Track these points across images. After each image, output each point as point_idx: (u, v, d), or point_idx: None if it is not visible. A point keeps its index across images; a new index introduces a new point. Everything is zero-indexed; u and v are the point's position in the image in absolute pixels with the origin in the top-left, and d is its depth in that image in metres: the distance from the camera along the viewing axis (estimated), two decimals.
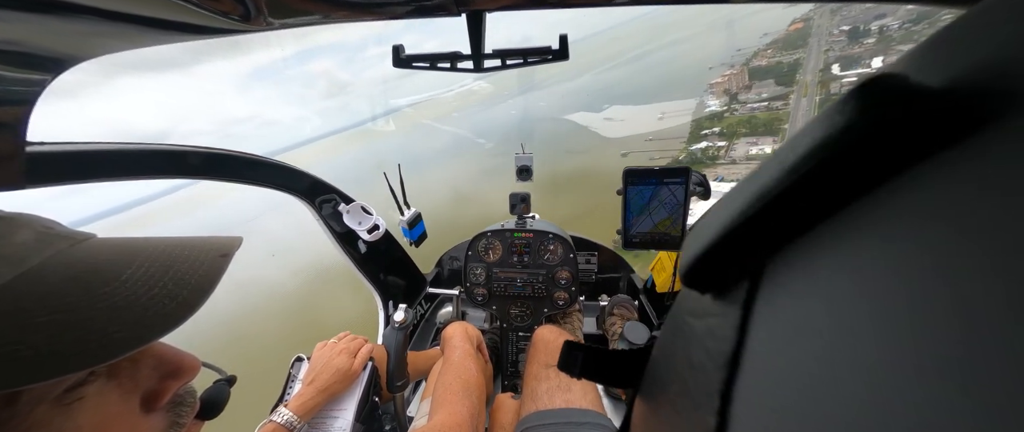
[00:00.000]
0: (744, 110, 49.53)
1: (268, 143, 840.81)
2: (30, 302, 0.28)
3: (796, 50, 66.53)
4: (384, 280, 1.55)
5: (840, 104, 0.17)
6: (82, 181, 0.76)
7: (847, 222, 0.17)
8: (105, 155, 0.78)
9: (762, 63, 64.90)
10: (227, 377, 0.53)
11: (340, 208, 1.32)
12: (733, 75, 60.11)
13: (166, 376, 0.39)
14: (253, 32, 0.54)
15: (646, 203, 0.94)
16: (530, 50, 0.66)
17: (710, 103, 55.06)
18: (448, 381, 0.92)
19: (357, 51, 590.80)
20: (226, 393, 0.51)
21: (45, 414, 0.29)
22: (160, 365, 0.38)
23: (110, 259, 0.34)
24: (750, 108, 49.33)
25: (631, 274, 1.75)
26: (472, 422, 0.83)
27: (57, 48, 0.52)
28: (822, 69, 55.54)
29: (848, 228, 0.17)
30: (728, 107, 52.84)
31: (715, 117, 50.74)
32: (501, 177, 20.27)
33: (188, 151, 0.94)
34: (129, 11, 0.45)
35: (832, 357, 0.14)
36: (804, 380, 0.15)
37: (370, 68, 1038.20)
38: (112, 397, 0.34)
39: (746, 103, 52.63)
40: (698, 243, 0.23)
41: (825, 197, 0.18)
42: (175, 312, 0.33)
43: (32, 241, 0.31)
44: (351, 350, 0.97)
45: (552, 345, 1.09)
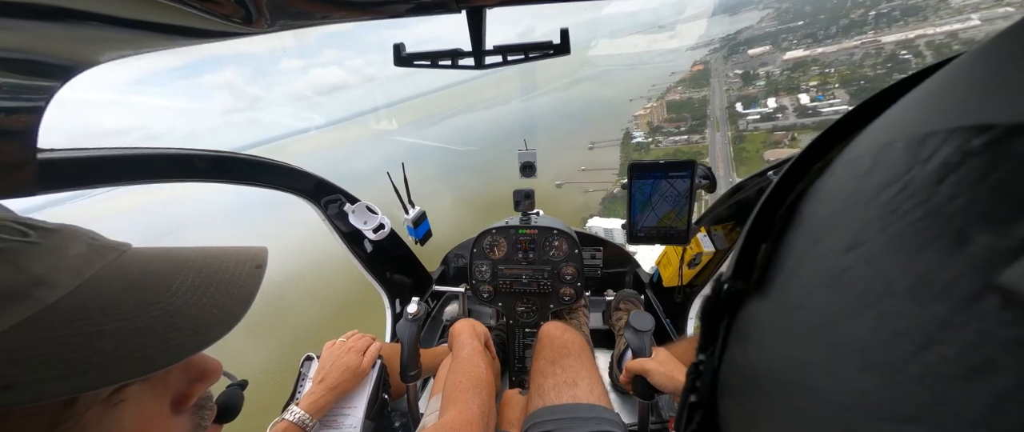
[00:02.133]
0: (667, 142, 51.10)
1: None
2: (94, 310, 0.30)
3: (702, 88, 69.58)
4: (390, 278, 1.57)
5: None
6: (92, 186, 0.77)
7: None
8: (114, 160, 0.79)
9: (676, 98, 67.33)
10: (239, 381, 0.54)
11: (346, 208, 1.32)
12: (654, 108, 62.06)
13: (193, 379, 0.40)
14: (254, 34, 0.55)
15: (650, 197, 0.93)
16: (531, 45, 0.65)
17: (636, 134, 56.68)
18: (457, 378, 0.93)
19: (270, 63, 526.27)
20: (240, 397, 0.53)
21: (96, 415, 0.31)
22: (188, 369, 0.40)
23: (158, 270, 0.36)
24: (672, 141, 50.85)
25: (637, 269, 1.75)
26: (483, 419, 0.84)
27: (64, 55, 0.52)
28: (728, 106, 57.25)
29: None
30: (652, 138, 54.35)
31: (642, 148, 52.00)
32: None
33: (195, 155, 0.95)
34: (133, 16, 0.46)
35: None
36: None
37: (285, 83, 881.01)
38: (147, 399, 0.35)
39: (668, 135, 54.42)
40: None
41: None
42: (223, 320, 0.36)
43: (85, 252, 0.33)
44: (359, 348, 0.98)
45: (558, 341, 1.09)
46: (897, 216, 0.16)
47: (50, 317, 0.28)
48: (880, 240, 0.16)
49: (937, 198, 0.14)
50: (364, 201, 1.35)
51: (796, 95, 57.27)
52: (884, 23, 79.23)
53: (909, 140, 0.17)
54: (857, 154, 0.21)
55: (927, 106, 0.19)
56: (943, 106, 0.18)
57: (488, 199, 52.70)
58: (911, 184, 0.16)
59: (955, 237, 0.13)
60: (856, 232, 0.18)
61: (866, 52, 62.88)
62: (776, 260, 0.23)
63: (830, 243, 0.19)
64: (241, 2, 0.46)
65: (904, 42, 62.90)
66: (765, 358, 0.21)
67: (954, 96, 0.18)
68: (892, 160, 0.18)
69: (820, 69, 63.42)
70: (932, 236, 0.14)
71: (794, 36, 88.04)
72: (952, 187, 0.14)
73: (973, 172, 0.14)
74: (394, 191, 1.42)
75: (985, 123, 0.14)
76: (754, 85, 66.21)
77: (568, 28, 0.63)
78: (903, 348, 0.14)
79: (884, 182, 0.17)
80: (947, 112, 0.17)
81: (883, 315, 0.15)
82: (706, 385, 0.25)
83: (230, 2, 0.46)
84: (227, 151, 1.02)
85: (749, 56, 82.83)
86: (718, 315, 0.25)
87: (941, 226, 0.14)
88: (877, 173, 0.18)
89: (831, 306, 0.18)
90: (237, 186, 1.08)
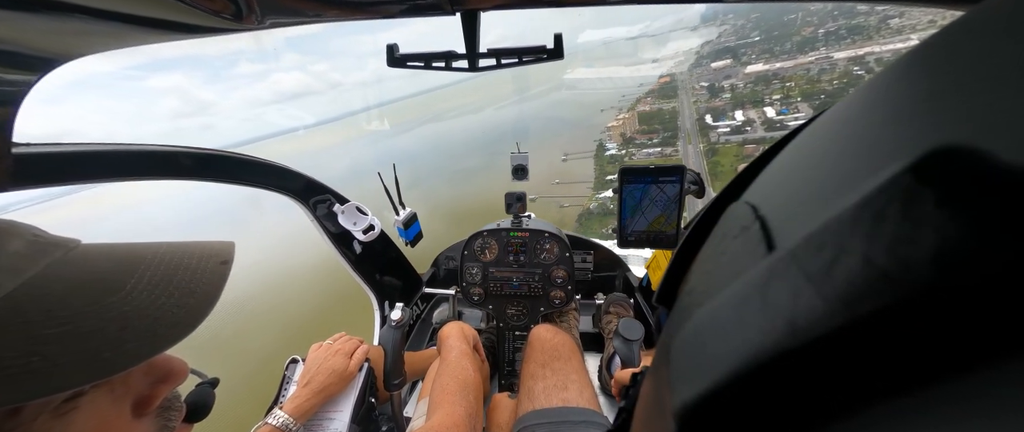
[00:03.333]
0: (641, 154, 51.46)
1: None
2: (36, 313, 0.28)
3: (671, 99, 71.74)
4: (380, 281, 1.55)
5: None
6: (71, 183, 0.74)
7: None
8: (95, 156, 0.77)
9: (646, 109, 68.71)
10: (210, 380, 0.52)
11: (335, 208, 1.31)
12: (626, 120, 62.91)
13: (156, 381, 0.38)
14: (245, 31, 0.54)
15: (641, 201, 0.94)
16: (524, 49, 0.66)
17: (609, 146, 57.11)
18: (444, 382, 0.92)
19: (224, 66, 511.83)
20: (211, 395, 0.51)
21: (45, 423, 0.29)
22: (150, 370, 0.38)
23: (110, 268, 0.34)
24: (646, 153, 51.29)
25: (627, 273, 1.76)
26: (469, 422, 0.83)
27: (45, 47, 0.51)
28: (697, 119, 58.87)
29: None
30: (626, 151, 54.63)
31: (615, 161, 52.22)
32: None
33: (179, 152, 0.93)
34: (119, 9, 0.45)
35: None
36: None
37: (242, 87, 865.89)
38: (104, 404, 0.34)
39: (641, 147, 54.90)
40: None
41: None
42: (184, 320, 0.34)
43: (25, 249, 0.31)
44: (346, 351, 0.97)
45: (549, 344, 1.09)
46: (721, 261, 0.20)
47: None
48: (704, 286, 0.20)
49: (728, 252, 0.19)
50: (354, 202, 1.34)
51: (762, 108, 58.35)
52: (833, 40, 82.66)
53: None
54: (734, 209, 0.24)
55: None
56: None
57: (455, 210, 52.14)
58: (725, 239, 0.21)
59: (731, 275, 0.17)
60: (703, 280, 0.21)
61: (821, 67, 65.27)
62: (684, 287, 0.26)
63: (694, 281, 0.23)
64: None
65: (855, 58, 65.27)
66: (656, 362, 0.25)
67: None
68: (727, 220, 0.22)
69: (781, 83, 65.20)
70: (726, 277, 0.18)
71: (753, 51, 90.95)
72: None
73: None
74: (385, 192, 1.40)
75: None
76: (720, 97, 67.84)
77: (561, 33, 0.64)
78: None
79: (721, 235, 0.22)
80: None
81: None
82: (635, 395, 0.28)
83: None
84: (214, 149, 1.00)
85: (712, 69, 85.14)
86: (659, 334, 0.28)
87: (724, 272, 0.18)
88: (724, 226, 0.23)
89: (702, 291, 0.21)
90: (224, 187, 1.06)
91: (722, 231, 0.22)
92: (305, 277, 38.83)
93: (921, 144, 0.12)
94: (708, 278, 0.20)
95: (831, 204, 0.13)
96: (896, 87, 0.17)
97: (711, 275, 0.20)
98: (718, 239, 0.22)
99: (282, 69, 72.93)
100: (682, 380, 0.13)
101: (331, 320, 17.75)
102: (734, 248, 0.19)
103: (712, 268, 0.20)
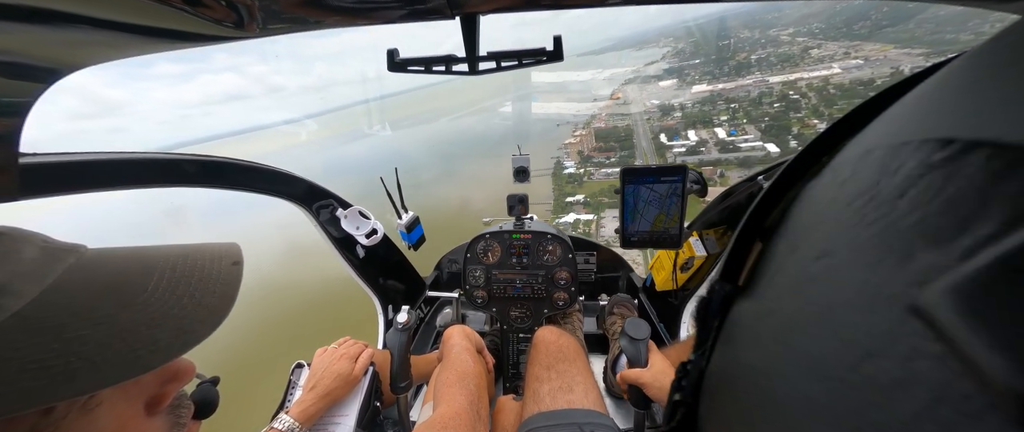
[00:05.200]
0: (600, 174, 49.54)
1: None
2: (68, 316, 0.29)
3: (625, 117, 71.23)
4: (383, 285, 1.55)
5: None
6: (77, 191, 0.75)
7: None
8: (100, 165, 0.78)
9: (602, 125, 67.64)
10: (210, 378, 0.53)
11: (338, 213, 1.31)
12: (583, 137, 61.26)
13: (166, 381, 0.39)
14: (245, 39, 0.54)
15: (643, 202, 0.94)
16: (524, 52, 0.66)
17: (567, 164, 55.36)
18: (445, 376, 0.93)
19: (140, 66, 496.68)
20: (216, 393, 0.52)
21: (75, 420, 0.30)
22: (161, 370, 0.39)
23: (128, 269, 0.35)
24: (604, 173, 49.58)
25: (630, 273, 1.76)
26: (471, 409, 0.83)
27: (50, 58, 0.51)
28: (653, 137, 58.06)
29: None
30: (584, 169, 52.79)
31: (574, 180, 49.90)
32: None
33: (184, 159, 0.94)
34: (122, 20, 0.45)
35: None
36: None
37: (162, 88, 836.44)
38: (121, 403, 0.35)
39: (600, 166, 52.93)
40: None
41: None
42: (209, 318, 0.35)
43: (40, 256, 0.32)
44: (351, 355, 0.97)
45: (553, 346, 1.09)
46: (863, 227, 0.16)
47: (18, 325, 0.27)
48: (846, 251, 0.16)
49: (897, 211, 0.15)
50: (357, 206, 1.34)
51: (713, 129, 57.47)
52: (765, 66, 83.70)
53: (886, 149, 0.17)
54: (842, 161, 0.21)
55: (909, 114, 0.19)
56: (922, 115, 0.18)
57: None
58: (878, 196, 0.16)
59: (903, 253, 0.14)
60: (827, 241, 0.18)
61: (760, 90, 65.48)
62: (762, 264, 0.23)
63: (804, 251, 0.19)
64: (233, 6, 0.46)
65: (788, 83, 65.41)
66: (739, 361, 0.21)
67: (933, 105, 0.18)
68: (867, 169, 0.18)
69: (726, 104, 64.89)
70: (887, 250, 0.14)
71: (695, 72, 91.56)
72: (910, 201, 0.14)
73: (929, 187, 0.14)
74: (387, 196, 1.41)
75: (948, 137, 0.15)
76: (672, 116, 67.35)
77: (561, 35, 0.64)
78: (847, 359, 0.14)
79: (857, 192, 0.17)
80: (923, 122, 0.17)
81: (834, 326, 0.15)
82: (691, 384, 0.26)
83: (221, 6, 0.45)
84: (218, 156, 1.01)
85: (660, 87, 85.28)
86: (710, 316, 0.25)
87: (895, 240, 0.14)
88: (853, 182, 0.18)
89: (796, 314, 0.18)
90: (222, 193, 1.06)
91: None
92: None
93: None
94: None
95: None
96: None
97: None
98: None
99: (211, 70, 69.89)
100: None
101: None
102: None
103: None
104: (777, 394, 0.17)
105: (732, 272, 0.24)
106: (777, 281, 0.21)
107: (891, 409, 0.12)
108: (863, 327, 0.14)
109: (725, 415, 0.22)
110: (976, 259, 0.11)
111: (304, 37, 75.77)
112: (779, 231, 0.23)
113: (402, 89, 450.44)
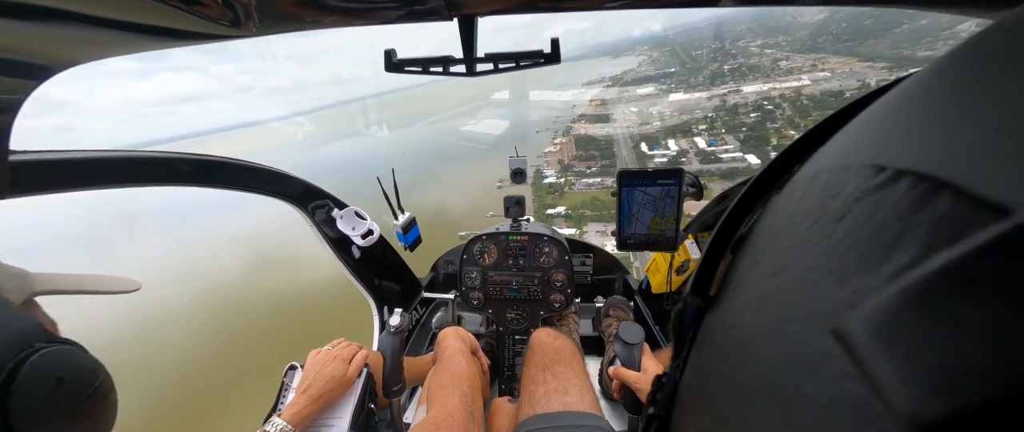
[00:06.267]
0: (581, 184, 47.95)
1: None
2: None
3: (605, 124, 70.87)
4: (379, 285, 1.54)
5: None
6: (68, 190, 0.74)
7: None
8: (92, 163, 0.77)
9: (581, 132, 66.77)
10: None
11: (334, 213, 1.31)
12: (563, 145, 60.06)
13: None
14: (242, 37, 0.54)
15: (640, 205, 0.94)
16: (522, 54, 0.66)
17: (548, 173, 53.62)
18: (438, 378, 0.93)
19: (91, 63, 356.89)
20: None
21: None
22: None
23: None
24: (586, 183, 47.95)
25: (626, 275, 1.76)
26: (465, 410, 0.83)
27: (43, 55, 0.51)
28: (633, 146, 57.49)
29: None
30: (565, 178, 51.19)
31: (555, 190, 48.14)
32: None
33: (178, 158, 0.93)
34: (116, 17, 0.45)
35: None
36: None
37: (114, 85, 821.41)
38: None
39: (581, 176, 51.00)
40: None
41: None
42: None
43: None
44: (345, 357, 0.96)
45: (549, 348, 1.09)
46: (809, 247, 0.16)
47: None
48: (796, 269, 0.17)
49: (836, 234, 0.15)
50: (352, 206, 1.34)
51: (693, 138, 56.93)
52: (739, 76, 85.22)
53: (831, 171, 0.18)
54: (798, 179, 0.21)
55: (856, 136, 0.20)
56: (864, 139, 0.18)
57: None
58: (822, 217, 0.16)
59: (838, 275, 0.14)
60: (781, 258, 0.18)
61: (735, 101, 66.15)
62: (729, 276, 0.24)
63: (763, 266, 0.20)
64: (230, 5, 0.46)
65: (762, 93, 66.08)
66: (707, 374, 0.22)
67: (873, 130, 0.18)
68: (816, 190, 0.18)
69: (703, 113, 64.94)
70: (827, 271, 0.15)
71: (671, 81, 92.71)
72: (847, 224, 0.15)
73: (862, 213, 0.14)
74: (383, 196, 1.40)
75: (881, 163, 0.15)
76: (651, 125, 67.11)
77: (558, 38, 0.64)
78: (792, 375, 0.14)
79: (806, 211, 0.18)
80: (865, 147, 0.18)
81: (783, 341, 0.15)
82: (665, 398, 0.26)
83: (218, 4, 0.45)
84: (212, 155, 1.00)
85: (638, 95, 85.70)
86: (684, 328, 0.25)
87: (834, 262, 0.15)
88: (805, 201, 0.19)
89: (754, 327, 0.18)
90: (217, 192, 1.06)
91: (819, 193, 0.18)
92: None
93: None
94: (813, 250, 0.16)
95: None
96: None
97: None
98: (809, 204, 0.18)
99: (172, 68, 65.75)
100: (920, 383, 0.10)
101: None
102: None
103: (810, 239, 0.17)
104: (736, 408, 0.18)
105: (703, 284, 0.25)
106: (740, 294, 0.21)
107: (826, 426, 0.13)
108: (805, 344, 0.14)
109: (695, 428, 0.22)
110: (891, 286, 0.11)
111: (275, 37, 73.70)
112: (744, 245, 0.24)
113: (377, 92, 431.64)
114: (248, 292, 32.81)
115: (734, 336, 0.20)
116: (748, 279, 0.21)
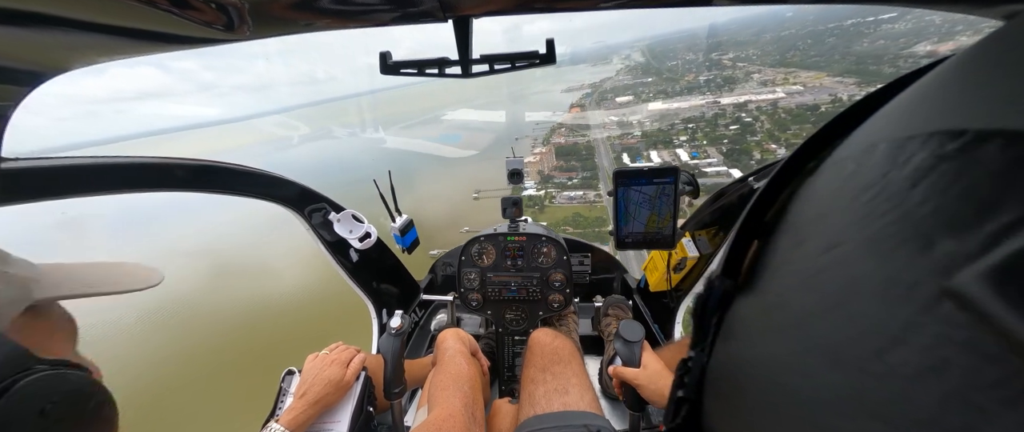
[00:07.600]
0: (562, 197, 45.97)
1: None
2: None
3: (585, 132, 70.10)
4: (377, 288, 1.54)
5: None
6: (61, 196, 0.74)
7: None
8: (86, 169, 0.76)
9: (561, 141, 65.34)
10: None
11: (330, 217, 1.30)
12: (543, 154, 58.10)
13: None
14: (236, 41, 0.54)
15: (636, 204, 0.95)
16: (517, 54, 0.66)
17: (527, 185, 50.70)
18: (439, 380, 0.93)
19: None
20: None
21: None
22: None
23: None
24: (568, 196, 45.85)
25: (624, 274, 1.76)
26: (466, 411, 0.83)
27: (35, 60, 0.50)
28: (615, 157, 56.50)
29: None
30: (545, 190, 48.79)
31: (535, 204, 45.25)
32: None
33: (173, 163, 0.92)
34: (110, 22, 0.45)
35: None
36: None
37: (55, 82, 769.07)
38: None
39: (562, 188, 48.99)
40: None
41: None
42: None
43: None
44: (343, 361, 0.96)
45: (548, 348, 1.09)
46: (873, 219, 0.16)
47: None
48: (856, 242, 0.16)
49: (910, 202, 0.15)
50: (350, 209, 1.33)
51: (674, 150, 55.21)
52: (714, 87, 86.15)
53: (891, 143, 0.18)
54: (843, 156, 0.21)
55: (911, 109, 0.20)
56: (925, 110, 0.18)
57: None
58: (888, 187, 0.16)
59: (922, 241, 0.14)
60: (835, 234, 0.18)
61: (714, 111, 66.19)
62: (763, 259, 0.23)
63: (811, 244, 0.19)
64: (223, 9, 0.45)
65: (739, 105, 66.01)
66: (746, 356, 0.22)
67: (935, 101, 0.18)
68: (873, 163, 0.18)
69: (683, 124, 63.62)
70: (902, 239, 0.14)
71: (650, 90, 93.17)
72: (923, 191, 0.15)
73: (943, 177, 0.14)
74: (380, 199, 1.40)
75: (958, 128, 0.15)
76: (632, 135, 66.02)
77: (553, 38, 0.65)
78: (868, 348, 0.14)
79: (865, 184, 0.18)
80: (927, 116, 0.18)
81: (851, 315, 0.15)
82: (694, 381, 0.26)
83: (212, 9, 0.45)
84: (208, 160, 1.00)
85: (617, 103, 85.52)
86: (709, 312, 0.25)
87: (911, 230, 0.14)
88: (859, 175, 0.19)
89: (806, 306, 0.18)
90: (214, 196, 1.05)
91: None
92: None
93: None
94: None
95: None
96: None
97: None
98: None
99: (124, 63, 60.94)
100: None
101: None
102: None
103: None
104: (792, 386, 0.17)
105: (732, 269, 0.25)
106: (782, 275, 0.21)
107: (918, 395, 0.12)
108: (882, 315, 0.14)
109: (735, 410, 0.22)
110: (1008, 244, 0.11)
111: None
112: (779, 228, 0.23)
113: (344, 95, 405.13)
114: (216, 313, 30.84)
115: (781, 316, 0.19)
116: (793, 258, 0.21)
